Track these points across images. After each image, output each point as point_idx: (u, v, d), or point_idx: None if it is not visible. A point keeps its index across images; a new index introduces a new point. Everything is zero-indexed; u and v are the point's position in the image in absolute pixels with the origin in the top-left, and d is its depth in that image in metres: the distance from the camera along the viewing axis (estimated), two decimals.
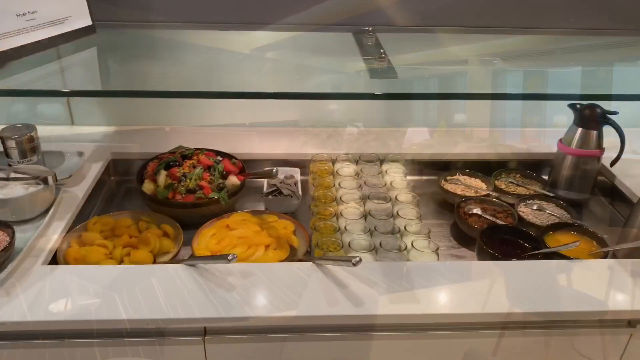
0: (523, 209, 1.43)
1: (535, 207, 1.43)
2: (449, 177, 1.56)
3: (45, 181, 1.25)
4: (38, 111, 1.63)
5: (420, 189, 1.55)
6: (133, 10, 1.50)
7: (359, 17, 1.53)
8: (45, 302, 1.01)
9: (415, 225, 1.28)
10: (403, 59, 1.34)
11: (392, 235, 1.25)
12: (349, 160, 1.56)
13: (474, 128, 1.75)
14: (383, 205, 1.36)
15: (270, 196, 1.42)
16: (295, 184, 1.47)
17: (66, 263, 1.17)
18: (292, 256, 1.23)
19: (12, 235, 1.13)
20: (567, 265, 1.16)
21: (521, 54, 1.55)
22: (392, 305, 1.03)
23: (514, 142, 1.68)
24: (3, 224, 1.17)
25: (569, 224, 1.34)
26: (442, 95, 1.33)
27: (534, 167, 1.62)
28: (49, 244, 1.18)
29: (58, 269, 1.10)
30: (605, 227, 1.43)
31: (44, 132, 1.40)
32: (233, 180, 1.40)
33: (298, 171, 1.54)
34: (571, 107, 1.46)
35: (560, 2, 1.57)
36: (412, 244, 1.21)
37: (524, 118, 1.77)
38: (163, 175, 1.39)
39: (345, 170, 1.51)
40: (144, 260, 1.18)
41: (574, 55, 1.56)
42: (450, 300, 1.06)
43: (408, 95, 1.35)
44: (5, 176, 1.27)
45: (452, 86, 1.30)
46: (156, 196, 1.35)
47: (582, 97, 1.41)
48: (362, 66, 1.27)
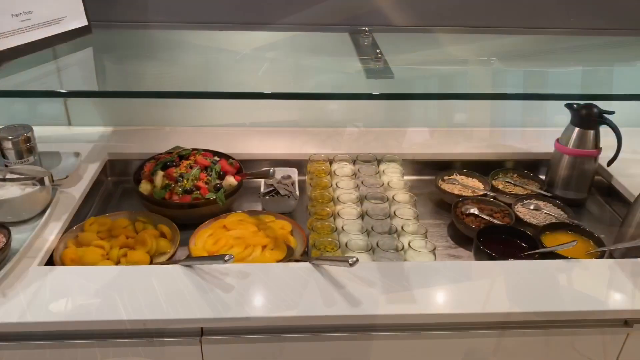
0: (520, 209, 1.43)
1: (532, 207, 1.43)
2: (446, 177, 1.56)
3: (41, 182, 1.25)
4: (35, 112, 1.63)
5: (417, 189, 1.55)
6: (129, 10, 1.50)
7: (356, 18, 1.53)
8: (41, 303, 1.01)
9: (412, 225, 1.28)
10: (400, 59, 1.34)
11: (389, 235, 1.25)
12: (347, 160, 1.56)
13: (471, 128, 1.75)
14: (380, 205, 1.36)
15: (267, 196, 1.42)
16: (292, 184, 1.47)
17: (63, 264, 1.17)
18: (289, 256, 1.23)
19: (9, 236, 1.13)
20: (564, 265, 1.16)
21: (518, 54, 1.55)
22: (389, 305, 1.03)
23: (511, 142, 1.68)
24: None
25: (566, 224, 1.34)
26: (439, 95, 1.33)
27: (531, 167, 1.62)
28: (46, 245, 1.17)
29: (54, 270, 1.10)
30: (602, 227, 1.43)
31: (41, 133, 1.40)
32: (230, 180, 1.40)
33: (295, 171, 1.53)
34: (568, 107, 1.46)
35: (557, 2, 1.57)
36: (409, 244, 1.21)
37: (521, 118, 1.77)
38: (160, 175, 1.38)
39: (342, 170, 1.51)
40: (141, 260, 1.18)
41: (571, 55, 1.56)
42: (447, 300, 1.06)
43: (405, 95, 1.35)
44: (1, 177, 1.27)
45: (449, 86, 1.30)
46: (153, 196, 1.35)
47: (579, 97, 1.41)
48: (359, 66, 1.27)
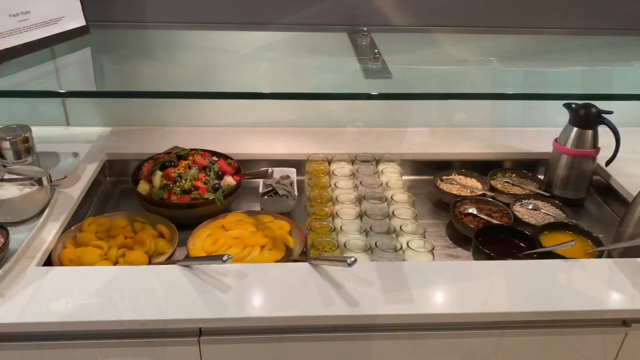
0: (519, 209, 1.43)
1: (530, 207, 1.43)
2: (445, 177, 1.56)
3: (39, 182, 1.24)
4: (33, 112, 1.62)
5: (416, 189, 1.55)
6: (127, 10, 1.50)
7: (354, 18, 1.53)
8: (40, 304, 1.01)
9: (410, 225, 1.28)
10: (398, 59, 1.33)
11: (388, 235, 1.25)
12: (345, 160, 1.56)
13: (470, 128, 1.75)
14: (379, 205, 1.36)
15: (266, 196, 1.42)
16: (291, 184, 1.47)
17: (61, 264, 1.17)
18: (288, 256, 1.23)
19: (7, 236, 1.13)
20: (563, 264, 1.16)
21: (517, 54, 1.55)
22: (388, 305, 1.03)
23: (510, 142, 1.68)
24: None
25: (565, 224, 1.34)
26: (438, 95, 1.33)
27: (530, 167, 1.62)
28: (44, 245, 1.17)
29: (53, 270, 1.10)
30: (600, 227, 1.43)
31: (39, 133, 1.40)
32: (228, 180, 1.40)
33: (294, 171, 1.53)
34: (566, 107, 1.46)
35: (556, 2, 1.57)
36: (408, 244, 1.21)
37: (520, 118, 1.77)
38: (158, 175, 1.38)
39: (341, 170, 1.51)
40: (139, 261, 1.18)
41: (570, 55, 1.56)
42: (445, 300, 1.06)
43: (404, 95, 1.35)
44: None
45: (448, 86, 1.30)
46: (151, 197, 1.35)
47: (578, 97, 1.41)
48: (357, 66, 1.27)
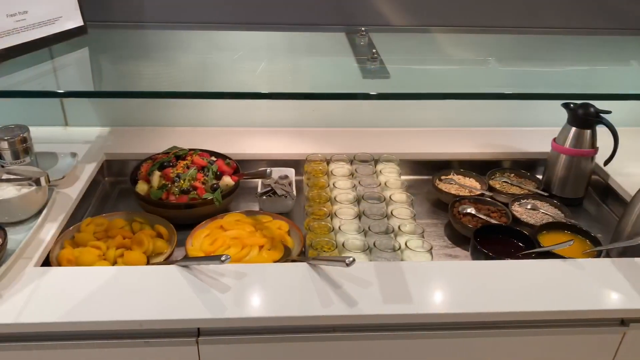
0: (517, 209, 1.43)
1: (529, 207, 1.43)
2: (443, 177, 1.56)
3: (37, 182, 1.24)
4: (31, 112, 1.62)
5: (414, 189, 1.55)
6: (125, 10, 1.50)
7: (352, 18, 1.53)
8: (37, 304, 1.00)
9: (409, 225, 1.28)
10: (396, 59, 1.34)
11: (386, 235, 1.25)
12: (344, 160, 1.56)
13: (468, 128, 1.75)
14: (377, 205, 1.36)
15: (264, 196, 1.42)
16: (289, 184, 1.47)
17: (59, 264, 1.16)
18: (287, 256, 1.23)
19: (4, 236, 1.12)
20: (561, 264, 1.16)
21: (515, 54, 1.56)
22: (386, 305, 1.03)
23: (508, 142, 1.68)
24: None
25: (563, 223, 1.34)
26: (436, 95, 1.33)
27: (528, 167, 1.63)
28: (42, 246, 1.17)
29: (51, 271, 1.10)
30: (599, 226, 1.43)
31: (37, 133, 1.40)
32: (227, 180, 1.40)
33: (292, 171, 1.53)
34: (565, 107, 1.46)
35: (554, 2, 1.57)
36: (406, 244, 1.21)
37: (518, 118, 1.78)
38: (157, 175, 1.38)
39: (339, 170, 1.51)
40: (138, 261, 1.18)
41: (568, 54, 1.56)
42: (444, 300, 1.06)
43: (402, 95, 1.35)
44: None
45: (446, 86, 1.30)
46: (150, 197, 1.35)
47: (576, 97, 1.41)
48: (355, 66, 1.27)
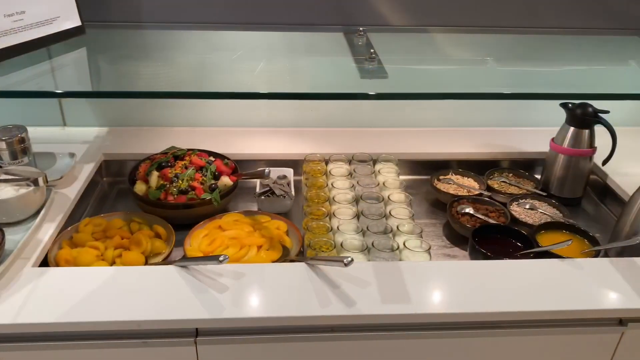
0: (515, 208, 1.43)
1: (527, 206, 1.43)
2: (442, 177, 1.56)
3: (35, 182, 1.24)
4: (29, 112, 1.62)
5: (413, 189, 1.55)
6: (123, 10, 1.50)
7: (350, 17, 1.53)
8: (35, 304, 1.00)
9: (407, 225, 1.28)
10: (394, 59, 1.34)
11: (385, 235, 1.25)
12: (342, 160, 1.56)
13: (467, 128, 1.75)
14: (376, 205, 1.36)
15: (263, 197, 1.42)
16: (288, 184, 1.47)
17: (57, 265, 1.16)
18: (285, 257, 1.22)
19: (2, 236, 1.12)
20: (559, 264, 1.16)
21: (513, 54, 1.56)
22: (385, 305, 1.03)
23: (507, 142, 1.68)
24: None
25: (561, 223, 1.34)
26: (435, 95, 1.33)
27: (527, 167, 1.63)
28: (40, 246, 1.17)
29: (48, 271, 1.09)
30: (597, 226, 1.43)
31: (36, 134, 1.40)
32: (225, 180, 1.40)
33: (291, 171, 1.53)
34: (563, 106, 1.46)
35: (552, 2, 1.57)
36: (405, 244, 1.21)
37: (517, 117, 1.78)
38: (155, 176, 1.38)
39: (338, 170, 1.51)
40: (136, 261, 1.18)
41: (566, 54, 1.56)
42: (442, 299, 1.06)
43: (401, 95, 1.35)
44: None
45: (444, 86, 1.30)
46: (148, 197, 1.35)
47: (574, 96, 1.41)
48: (353, 66, 1.27)
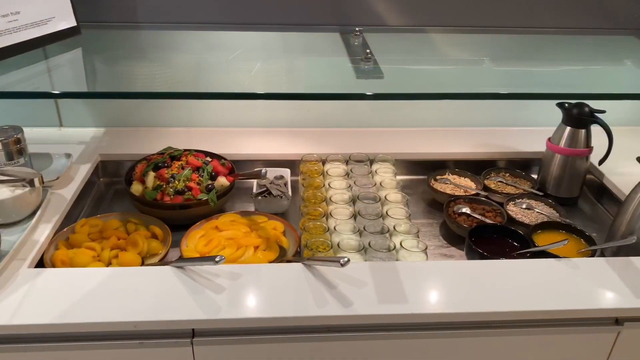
0: (512, 208, 1.43)
1: (524, 206, 1.43)
2: (439, 177, 1.56)
3: (31, 183, 1.24)
4: (25, 113, 1.62)
5: (409, 189, 1.55)
6: (118, 10, 1.49)
7: (347, 18, 1.53)
8: (31, 305, 1.00)
9: (404, 225, 1.28)
10: (390, 59, 1.34)
11: (382, 235, 1.24)
12: (339, 160, 1.56)
13: (463, 128, 1.76)
14: (372, 205, 1.36)
15: (260, 197, 1.42)
16: (285, 185, 1.46)
17: (53, 266, 1.16)
18: (282, 257, 1.22)
19: None
20: (556, 264, 1.16)
21: (509, 54, 1.56)
22: (381, 305, 1.03)
23: (503, 142, 1.68)
24: None
25: (558, 223, 1.34)
26: (431, 95, 1.33)
27: (523, 166, 1.63)
28: (36, 247, 1.17)
29: (44, 272, 1.09)
30: (593, 226, 1.44)
31: (32, 134, 1.39)
32: (222, 181, 1.40)
33: (288, 172, 1.53)
34: (560, 106, 1.47)
35: (548, 2, 1.57)
36: (401, 244, 1.21)
37: (513, 117, 1.78)
38: (151, 176, 1.38)
39: (335, 170, 1.51)
40: (132, 262, 1.18)
41: (562, 54, 1.56)
42: (439, 299, 1.06)
43: (398, 95, 1.35)
44: None
45: (441, 86, 1.30)
46: (144, 197, 1.34)
47: (571, 96, 1.42)
48: (349, 66, 1.27)
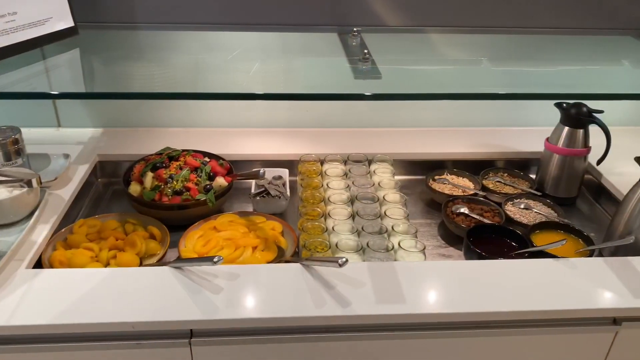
0: (510, 208, 1.43)
1: (522, 206, 1.44)
2: (437, 177, 1.56)
3: (29, 184, 1.23)
4: (23, 113, 1.62)
5: (408, 189, 1.55)
6: (116, 11, 1.49)
7: (344, 18, 1.53)
8: (29, 306, 1.00)
9: (402, 225, 1.28)
10: (388, 59, 1.34)
11: (380, 235, 1.24)
12: (337, 160, 1.56)
13: (462, 128, 1.76)
14: (371, 205, 1.36)
15: (258, 197, 1.41)
16: (283, 185, 1.46)
17: (51, 266, 1.16)
18: (280, 257, 1.22)
19: None
20: (554, 264, 1.16)
21: (507, 54, 1.56)
22: (379, 305, 1.03)
23: (501, 142, 1.69)
24: None
25: (556, 223, 1.34)
26: (430, 95, 1.33)
27: (521, 166, 1.63)
28: (34, 247, 1.17)
29: (42, 273, 1.09)
30: (592, 225, 1.44)
31: (30, 135, 1.39)
32: (220, 181, 1.40)
33: (286, 172, 1.53)
34: (558, 106, 1.47)
35: (546, 2, 1.58)
36: (400, 244, 1.21)
37: (511, 117, 1.78)
38: (149, 177, 1.38)
39: (333, 170, 1.51)
40: (130, 262, 1.18)
41: (560, 54, 1.56)
42: (437, 299, 1.06)
43: (397, 95, 1.35)
44: None
45: (439, 86, 1.30)
46: (142, 198, 1.34)
47: (569, 96, 1.42)
48: (347, 67, 1.27)
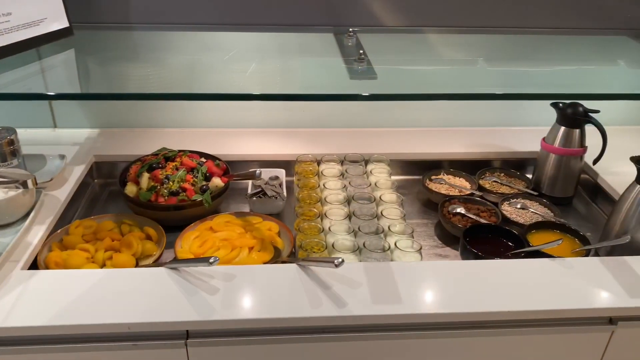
0: (507, 208, 1.43)
1: (518, 206, 1.44)
2: (434, 177, 1.56)
3: (24, 185, 1.23)
4: (19, 114, 1.61)
5: (404, 189, 1.55)
6: (111, 11, 1.49)
7: (340, 18, 1.53)
8: (25, 307, 1.00)
9: (399, 225, 1.28)
10: (383, 60, 1.34)
11: (376, 235, 1.25)
12: (334, 160, 1.56)
13: (458, 128, 1.76)
14: (367, 205, 1.36)
15: (254, 198, 1.41)
16: (280, 185, 1.46)
17: (47, 267, 1.16)
18: (276, 258, 1.22)
19: None
20: (550, 263, 1.16)
21: (504, 54, 1.56)
22: (376, 305, 1.03)
23: (498, 142, 1.69)
24: None
25: (552, 223, 1.34)
26: (426, 95, 1.33)
27: (518, 166, 1.63)
28: (29, 249, 1.16)
29: (38, 274, 1.09)
30: (588, 225, 1.44)
31: (26, 135, 1.39)
32: (217, 182, 1.40)
33: (283, 172, 1.53)
34: (554, 106, 1.47)
35: (543, 2, 1.58)
36: (396, 244, 1.21)
37: (508, 117, 1.78)
38: (145, 177, 1.37)
39: (330, 170, 1.51)
40: (126, 263, 1.18)
41: (557, 54, 1.57)
42: (433, 299, 1.06)
43: (393, 96, 1.35)
44: None
45: (435, 86, 1.31)
46: (139, 199, 1.34)
47: (565, 96, 1.42)
48: (342, 67, 1.27)
